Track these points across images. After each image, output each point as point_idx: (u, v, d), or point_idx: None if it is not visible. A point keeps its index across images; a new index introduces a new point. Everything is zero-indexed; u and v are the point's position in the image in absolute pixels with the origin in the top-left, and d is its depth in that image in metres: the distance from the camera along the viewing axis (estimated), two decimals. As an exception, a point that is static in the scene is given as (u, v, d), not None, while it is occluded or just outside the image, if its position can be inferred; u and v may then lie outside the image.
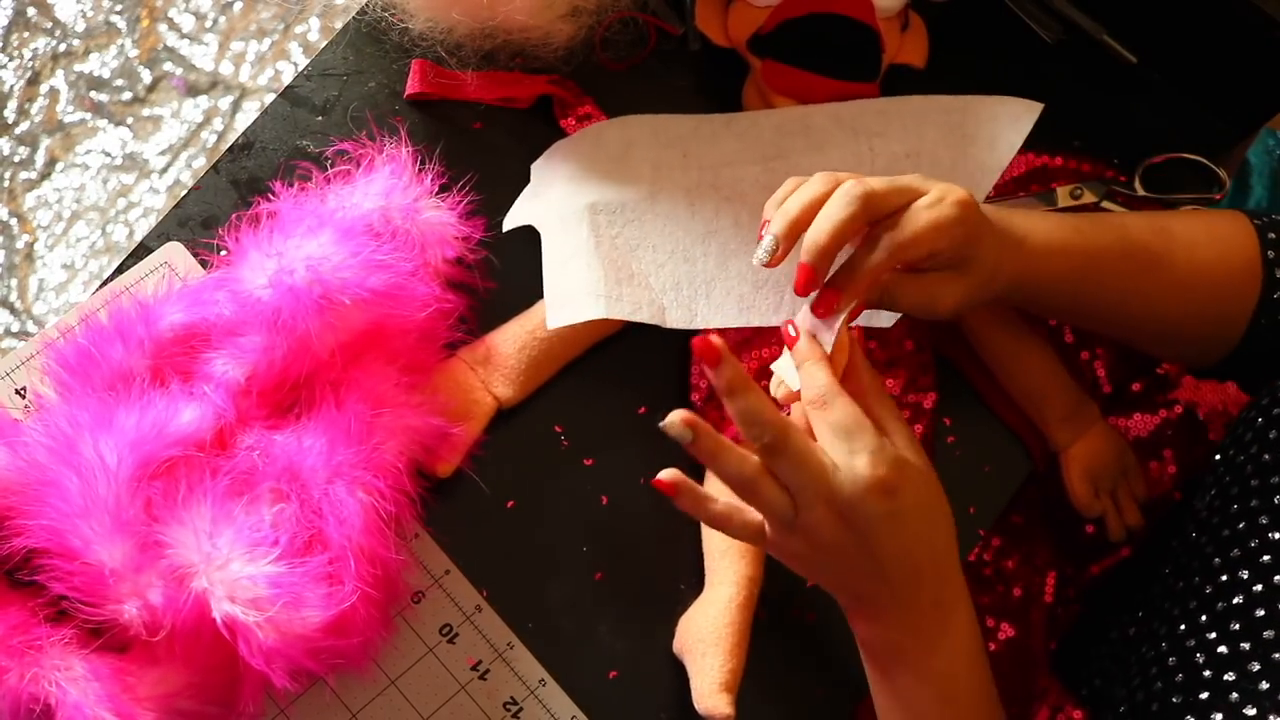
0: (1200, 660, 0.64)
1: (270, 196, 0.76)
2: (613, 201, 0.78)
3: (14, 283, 1.61)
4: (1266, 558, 0.64)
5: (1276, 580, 0.63)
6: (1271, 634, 0.61)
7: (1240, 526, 0.66)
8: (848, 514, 0.59)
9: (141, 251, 0.80)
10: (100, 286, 0.79)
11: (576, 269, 0.77)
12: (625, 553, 0.78)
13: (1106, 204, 0.85)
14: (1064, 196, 0.85)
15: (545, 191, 0.81)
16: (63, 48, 1.70)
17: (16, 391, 0.76)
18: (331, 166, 0.79)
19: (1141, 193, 0.86)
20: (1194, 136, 0.87)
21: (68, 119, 1.67)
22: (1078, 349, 0.83)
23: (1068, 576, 0.85)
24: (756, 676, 0.75)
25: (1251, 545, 0.65)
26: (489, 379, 0.78)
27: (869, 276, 0.64)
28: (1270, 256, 0.73)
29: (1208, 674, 0.63)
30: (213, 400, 0.69)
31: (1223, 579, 0.65)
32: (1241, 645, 0.62)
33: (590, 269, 0.76)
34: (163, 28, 1.70)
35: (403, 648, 0.75)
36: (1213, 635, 0.64)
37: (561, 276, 0.77)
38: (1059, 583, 0.85)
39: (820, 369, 0.62)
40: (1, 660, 0.63)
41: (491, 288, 0.80)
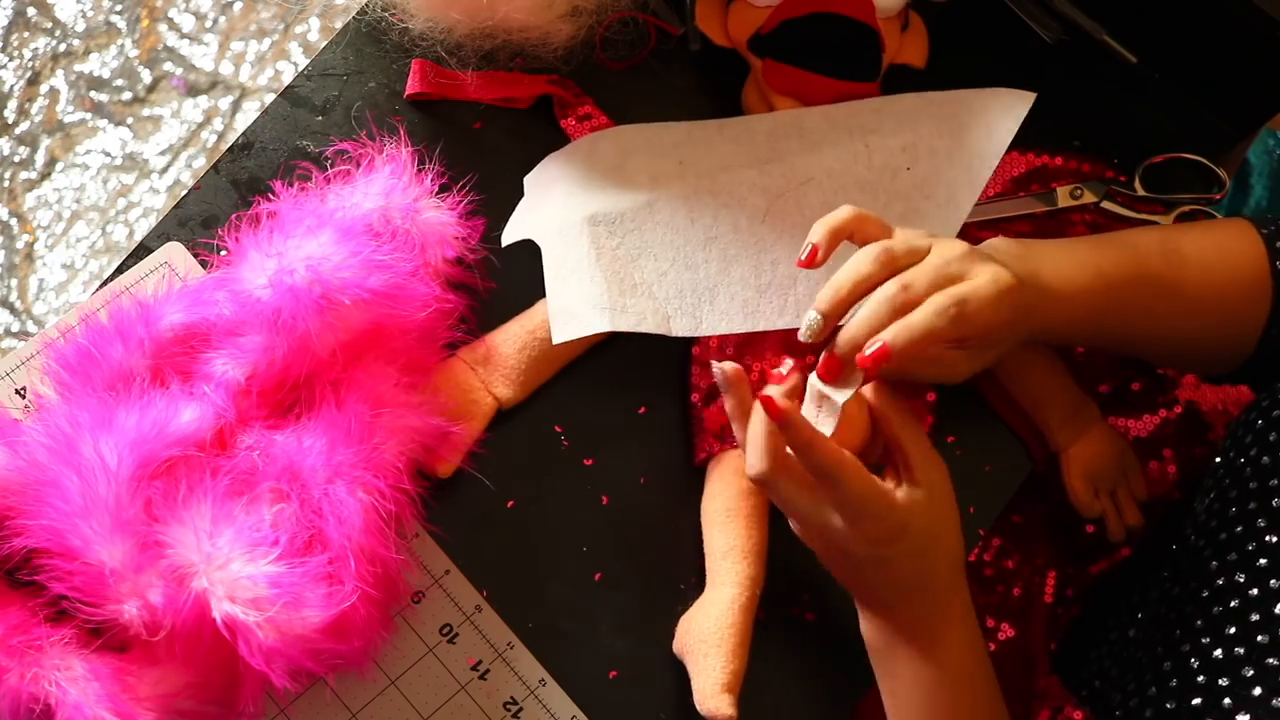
0: (1195, 665, 0.64)
1: (270, 196, 0.76)
2: (611, 212, 0.78)
3: (14, 283, 1.61)
4: (1263, 561, 0.64)
5: (1273, 584, 0.63)
6: (1266, 639, 0.61)
7: (1238, 530, 0.66)
8: (839, 556, 0.66)
9: (141, 251, 0.80)
10: (100, 286, 0.79)
11: (579, 282, 0.77)
12: (625, 553, 0.78)
13: (1106, 204, 0.85)
14: (1064, 196, 0.85)
15: (542, 204, 0.81)
16: (63, 48, 1.70)
17: (16, 391, 0.76)
18: (331, 166, 0.79)
19: (1141, 193, 0.86)
20: (1194, 136, 0.87)
21: (68, 119, 1.67)
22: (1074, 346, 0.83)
23: (1068, 576, 0.85)
24: (756, 676, 0.75)
25: (1249, 549, 0.65)
26: (489, 379, 0.78)
27: (928, 336, 0.64)
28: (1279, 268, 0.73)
29: (1201, 679, 0.63)
30: (213, 400, 0.69)
31: (1219, 583, 0.65)
32: (1236, 650, 0.62)
33: (593, 282, 0.76)
34: (163, 28, 1.70)
35: (403, 648, 0.75)
36: (1207, 640, 0.64)
37: (564, 290, 0.77)
38: (1059, 583, 0.85)
39: (826, 445, 0.63)
40: (1, 660, 0.63)
41: (491, 288, 0.80)
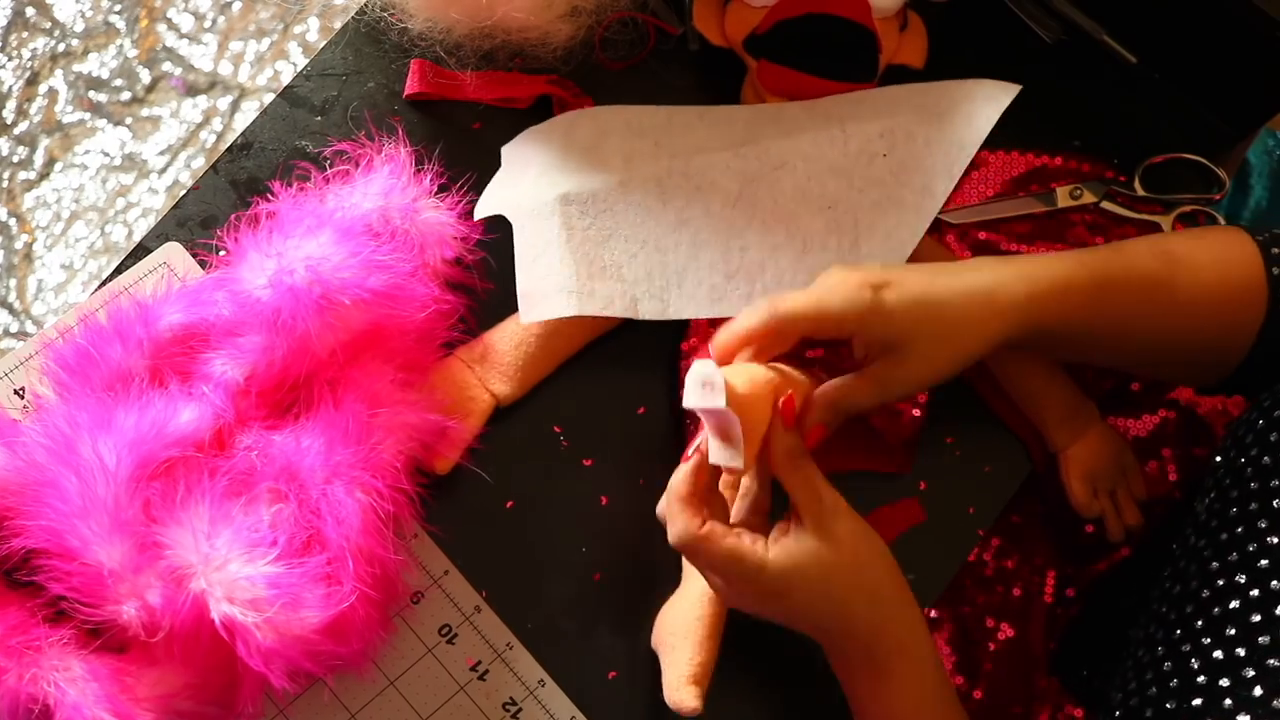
0: (1195, 666, 0.63)
1: (269, 197, 0.76)
2: (584, 192, 0.78)
3: (13, 283, 1.61)
4: (1264, 562, 0.63)
5: (1274, 585, 0.62)
6: (1267, 639, 0.61)
7: (1238, 530, 0.66)
8: (738, 608, 0.68)
9: (140, 252, 0.80)
10: (99, 287, 0.79)
11: (548, 264, 0.77)
12: (625, 553, 0.78)
13: (1106, 204, 0.85)
14: (1064, 196, 0.85)
15: (517, 180, 0.81)
16: (61, 48, 1.70)
17: (15, 392, 0.76)
18: (330, 167, 0.78)
19: (1141, 193, 0.85)
20: (1194, 136, 0.87)
21: (66, 119, 1.67)
22: None
23: (1067, 576, 0.85)
24: (746, 677, 0.75)
25: (1250, 549, 0.65)
26: (486, 376, 0.78)
27: (744, 333, 0.67)
28: (1275, 274, 0.73)
29: (1202, 680, 0.63)
30: (211, 400, 0.69)
31: (1219, 583, 0.65)
32: (1237, 651, 0.62)
33: (562, 263, 0.77)
34: (162, 28, 1.70)
35: (402, 648, 0.74)
36: (1207, 640, 0.64)
37: (533, 272, 0.77)
38: (1059, 583, 0.85)
39: (679, 514, 0.65)
40: (0, 660, 0.63)
41: (489, 288, 0.80)
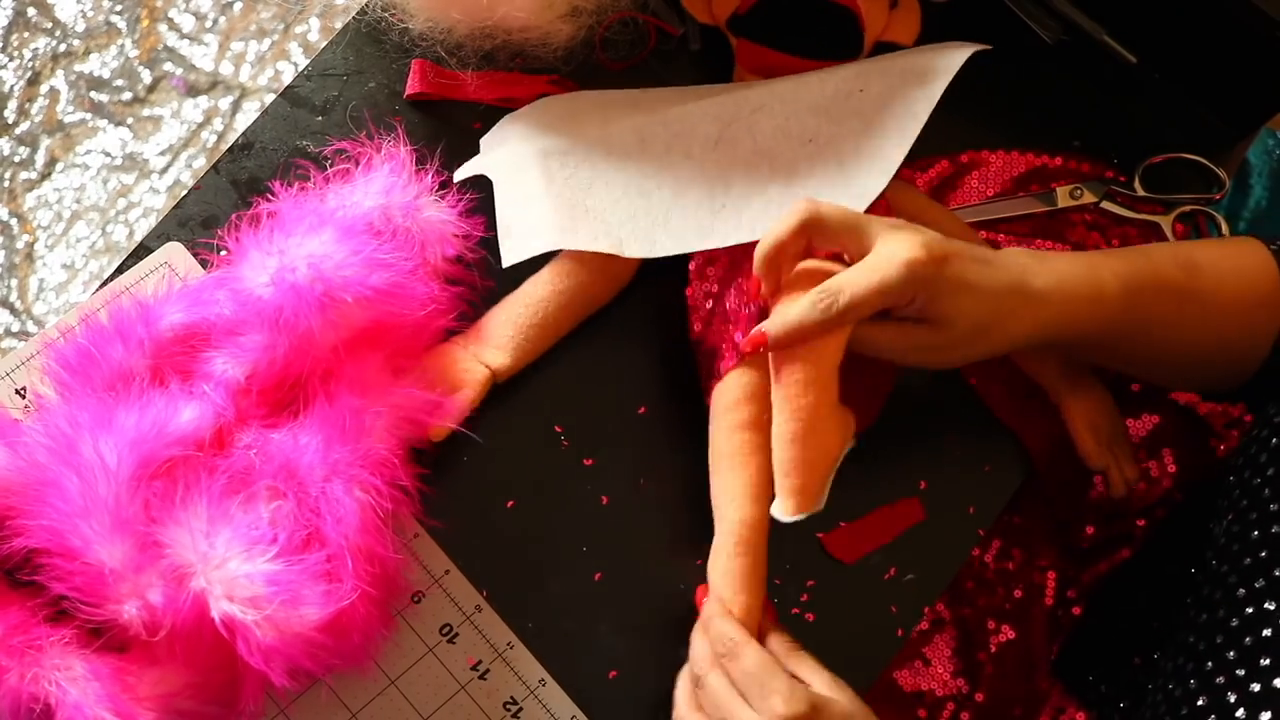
0: (1232, 700, 0.62)
1: (270, 196, 0.76)
2: (564, 146, 0.78)
3: (14, 283, 1.61)
4: None
5: None
6: None
7: (1262, 555, 0.65)
8: None
9: (141, 251, 0.80)
10: (100, 286, 0.79)
11: (528, 207, 0.77)
12: (625, 553, 0.78)
13: (1106, 204, 0.85)
14: (1064, 196, 0.85)
15: (494, 149, 0.81)
16: (63, 48, 1.70)
17: (16, 391, 0.76)
18: (331, 166, 0.79)
19: (1141, 193, 0.86)
20: (1194, 136, 0.87)
21: (68, 119, 1.67)
22: None
23: (1069, 578, 0.85)
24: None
25: (1277, 574, 0.63)
26: (478, 349, 0.77)
27: (801, 330, 0.66)
28: None
29: (1241, 714, 0.61)
30: (212, 400, 0.69)
31: (1248, 611, 0.64)
32: (1275, 683, 0.60)
33: (542, 206, 0.76)
34: (163, 28, 1.70)
35: (403, 647, 0.75)
36: (1242, 672, 0.62)
37: (514, 216, 0.77)
38: (1060, 584, 0.84)
39: (726, 623, 0.67)
40: (1, 660, 0.63)
41: (490, 286, 0.80)
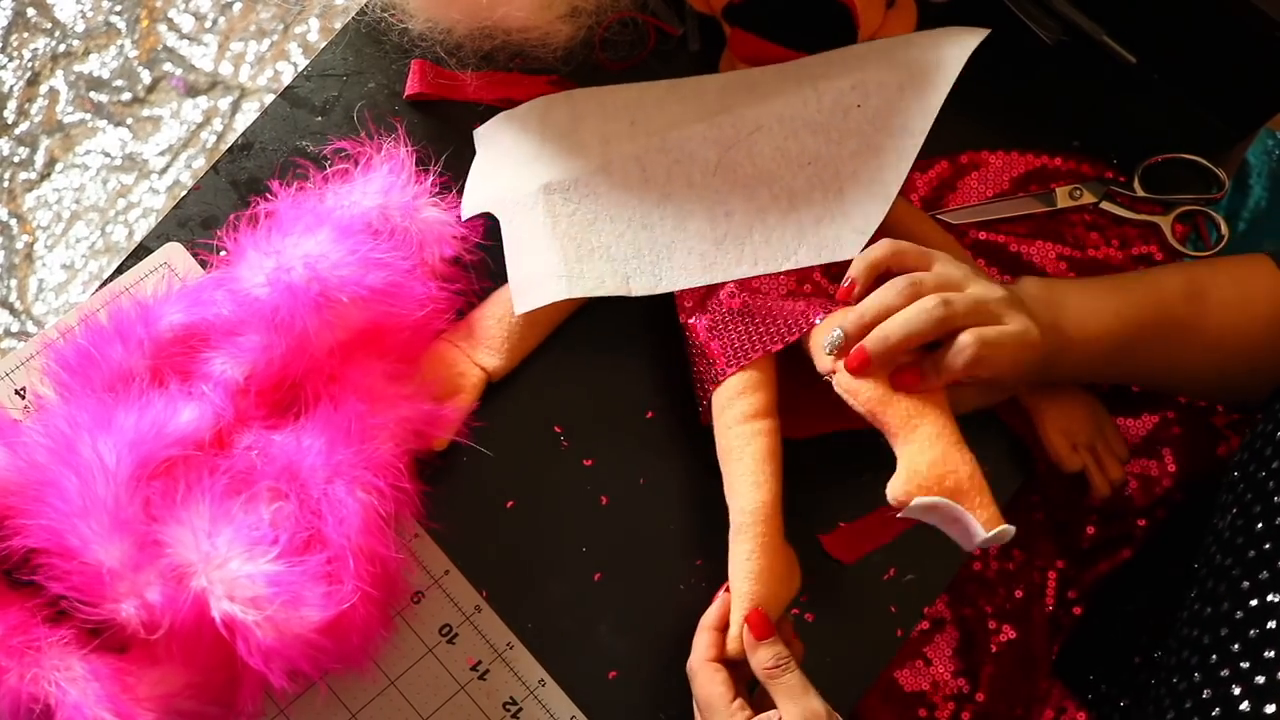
0: (1237, 693, 0.62)
1: (269, 196, 0.76)
2: (565, 179, 0.78)
3: (14, 283, 1.61)
4: None
5: None
6: None
7: (1266, 548, 0.65)
8: None
9: (141, 252, 0.80)
10: (100, 287, 0.79)
11: (536, 252, 0.77)
12: (625, 553, 0.78)
13: (1106, 204, 0.85)
14: (1064, 196, 0.85)
15: (496, 173, 0.81)
16: (62, 48, 1.70)
17: (16, 392, 0.76)
18: (331, 166, 0.79)
19: (1141, 193, 0.85)
20: (1194, 136, 0.87)
21: (67, 119, 1.67)
22: None
23: (1069, 578, 0.85)
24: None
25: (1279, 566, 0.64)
26: (473, 351, 0.78)
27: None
28: None
29: (1245, 707, 0.61)
30: (211, 400, 0.69)
31: (1252, 604, 0.64)
32: (1279, 675, 0.61)
33: (550, 251, 0.77)
34: (162, 28, 1.70)
35: (403, 648, 0.75)
36: (1247, 665, 0.62)
37: (522, 262, 0.78)
38: (1060, 584, 0.84)
39: (765, 646, 0.67)
40: (1, 660, 0.63)
41: (488, 286, 0.80)
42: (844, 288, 0.71)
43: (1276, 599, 0.63)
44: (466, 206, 0.80)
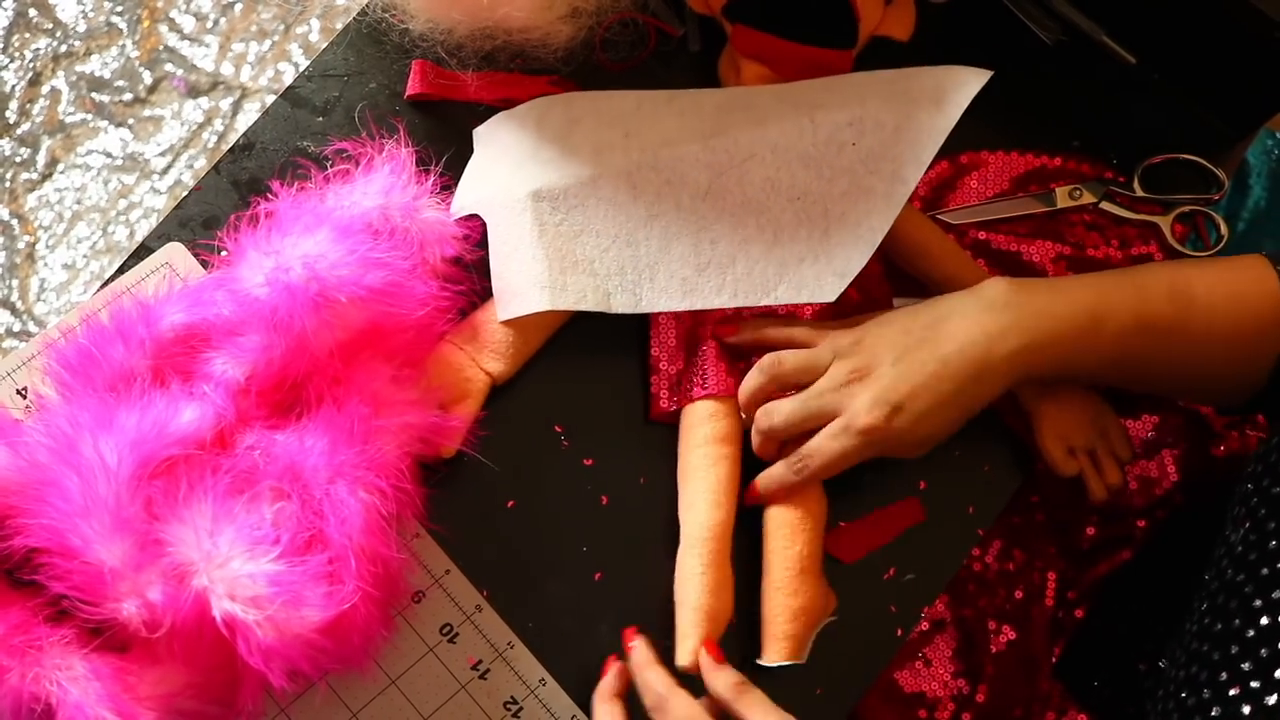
0: (1246, 712, 0.61)
1: (270, 197, 0.76)
2: (555, 187, 0.78)
3: (15, 283, 1.61)
4: None
5: None
6: None
7: (1279, 566, 0.65)
8: None
9: (142, 252, 0.80)
10: (101, 287, 0.79)
11: (521, 260, 0.78)
12: (625, 553, 0.78)
13: (1105, 204, 0.85)
14: (1063, 196, 0.85)
15: (489, 174, 0.81)
16: (64, 48, 1.70)
17: (18, 391, 0.77)
18: (332, 166, 0.79)
19: (1140, 193, 0.86)
20: (1194, 136, 0.87)
21: (69, 120, 1.67)
22: None
23: (1069, 579, 0.85)
24: (757, 675, 0.75)
25: None
26: (479, 356, 0.78)
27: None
28: None
29: None
30: (212, 400, 0.69)
31: (1263, 622, 0.63)
32: None
33: (535, 260, 0.77)
34: (164, 28, 1.70)
35: (403, 647, 0.75)
36: (1256, 684, 0.61)
37: (507, 269, 0.78)
38: (1060, 585, 0.84)
39: (652, 672, 0.69)
40: (2, 660, 0.63)
41: (489, 286, 0.80)
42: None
43: None
44: (457, 205, 0.80)
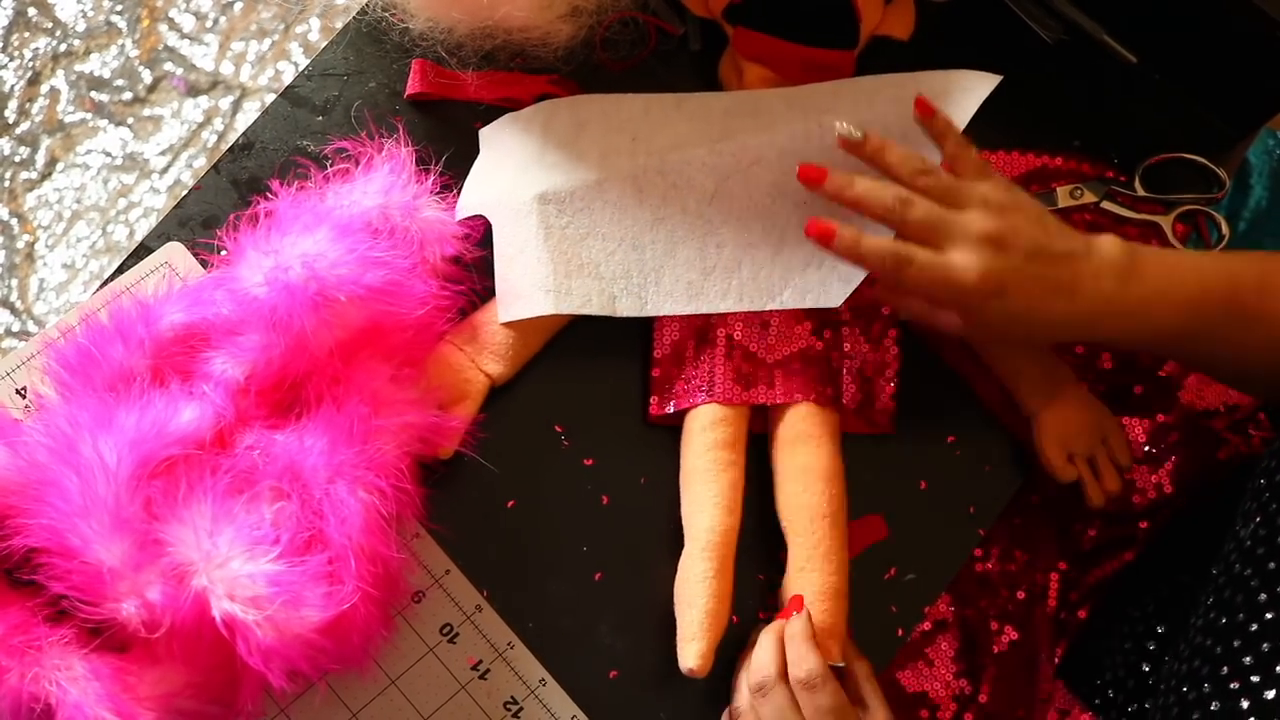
0: (1245, 707, 0.61)
1: (270, 196, 0.76)
2: (561, 190, 0.78)
3: (14, 283, 1.61)
4: None
5: None
6: None
7: None
8: None
9: (142, 251, 0.80)
10: (101, 286, 0.79)
11: (526, 263, 0.78)
12: (625, 553, 0.78)
13: (1106, 204, 0.85)
14: (1064, 196, 0.85)
15: (495, 176, 0.81)
16: (63, 48, 1.70)
17: (17, 391, 0.76)
18: (332, 166, 0.79)
19: (1142, 193, 0.85)
20: (1194, 136, 0.87)
21: (68, 119, 1.67)
22: None
23: (1071, 579, 0.85)
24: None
25: None
26: (478, 357, 0.78)
27: (862, 258, 0.70)
28: None
29: None
30: (212, 400, 0.69)
31: (1268, 617, 0.63)
32: None
33: (540, 263, 0.77)
34: (163, 28, 1.70)
35: (403, 647, 0.75)
36: (1257, 679, 0.61)
37: (511, 271, 0.78)
38: (1062, 586, 0.84)
39: (812, 653, 0.69)
40: (2, 660, 0.63)
41: (489, 285, 0.80)
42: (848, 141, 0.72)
43: None
44: (462, 206, 0.80)
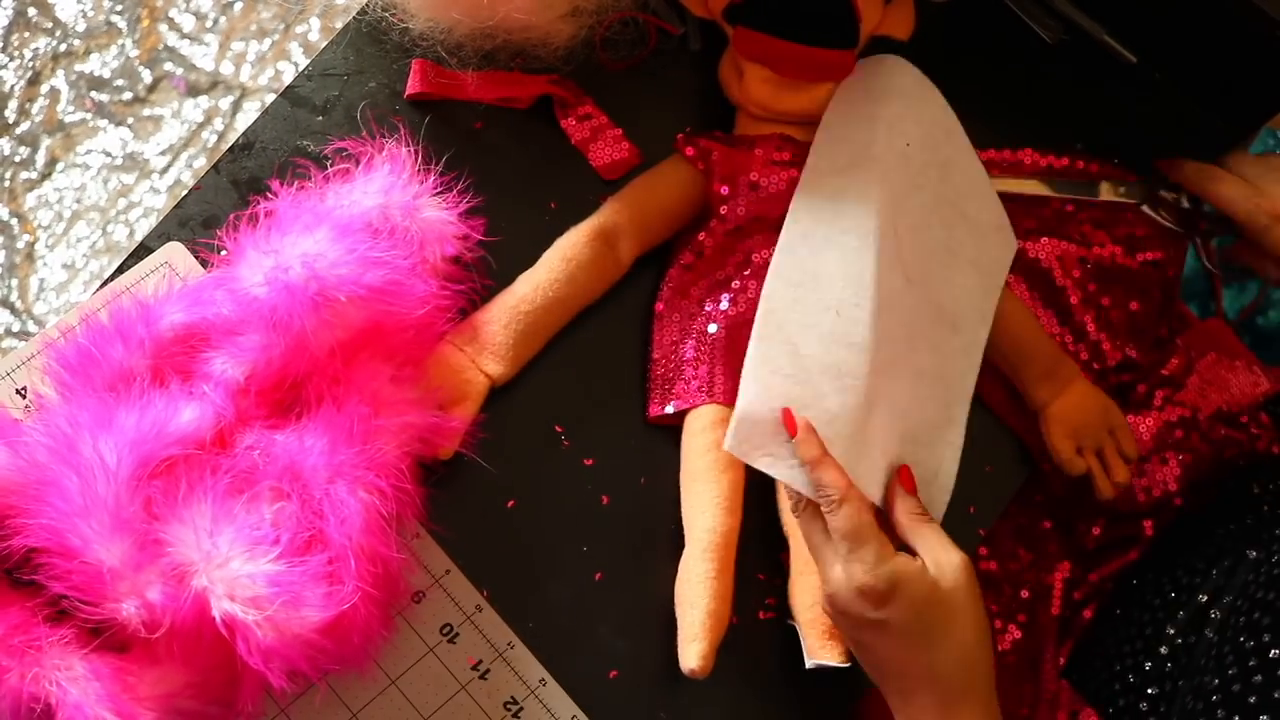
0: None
1: (270, 196, 0.76)
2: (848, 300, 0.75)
3: (14, 283, 1.61)
4: None
5: None
6: None
7: None
8: (838, 608, 0.66)
9: (142, 251, 0.80)
10: (101, 286, 0.79)
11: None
12: (625, 553, 0.78)
13: (1145, 208, 0.85)
14: (1107, 190, 0.85)
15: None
16: (63, 48, 1.70)
17: (17, 391, 0.76)
18: (332, 166, 0.78)
19: (1186, 205, 0.86)
20: (1194, 136, 0.87)
21: (68, 119, 1.67)
22: (1082, 310, 0.83)
23: (1075, 579, 0.85)
24: (757, 676, 0.75)
25: None
26: (478, 358, 0.78)
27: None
28: None
29: None
30: (212, 400, 0.69)
31: None
32: None
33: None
34: (163, 28, 1.70)
35: (403, 647, 0.75)
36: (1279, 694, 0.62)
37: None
38: (1066, 585, 0.84)
39: (829, 473, 0.67)
40: (2, 660, 0.63)
41: (490, 285, 0.80)
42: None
43: None
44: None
